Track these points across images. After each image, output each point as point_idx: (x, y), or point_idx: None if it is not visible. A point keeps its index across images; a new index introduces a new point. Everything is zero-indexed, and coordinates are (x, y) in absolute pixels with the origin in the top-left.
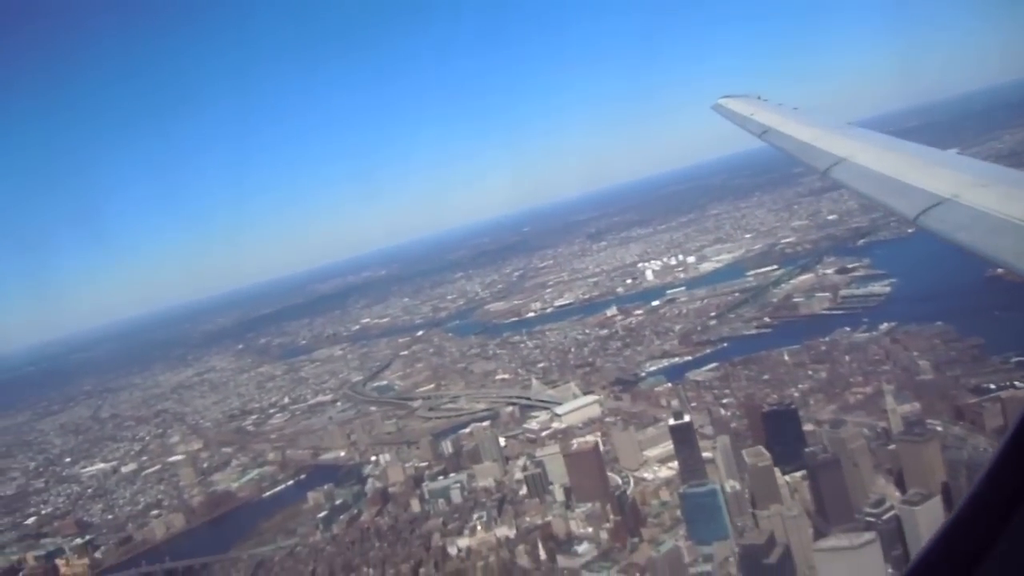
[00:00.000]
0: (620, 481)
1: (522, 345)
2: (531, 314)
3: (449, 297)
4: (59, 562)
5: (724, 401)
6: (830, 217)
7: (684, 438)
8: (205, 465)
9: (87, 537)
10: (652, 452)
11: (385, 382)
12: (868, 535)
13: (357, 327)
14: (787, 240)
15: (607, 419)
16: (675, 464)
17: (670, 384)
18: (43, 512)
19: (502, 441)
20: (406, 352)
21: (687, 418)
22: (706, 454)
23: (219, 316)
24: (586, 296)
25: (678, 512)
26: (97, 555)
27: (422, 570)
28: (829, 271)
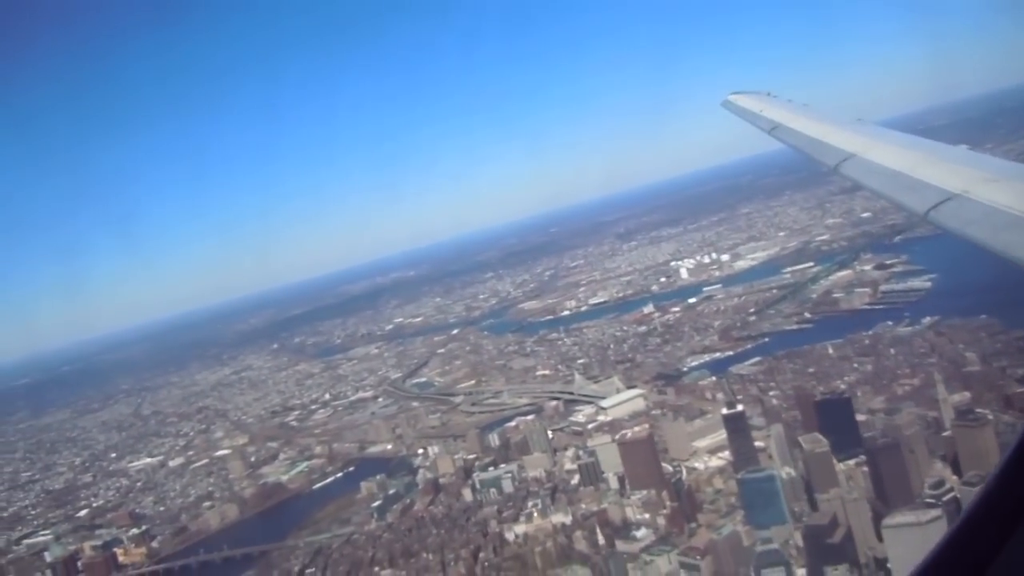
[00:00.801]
0: (671, 470)
1: (560, 342)
2: (566, 312)
3: (481, 296)
4: (117, 551)
5: (771, 393)
6: (864, 215)
7: (737, 427)
8: (253, 459)
9: (143, 527)
10: (701, 443)
11: (424, 379)
12: (935, 511)
13: (391, 326)
14: (822, 238)
15: (653, 412)
16: (725, 455)
17: (714, 378)
18: (94, 505)
19: (549, 434)
20: (443, 350)
21: (740, 408)
22: (757, 443)
23: (250, 317)
24: (620, 294)
25: (732, 499)
26: (154, 544)
27: (481, 555)
28: (867, 267)
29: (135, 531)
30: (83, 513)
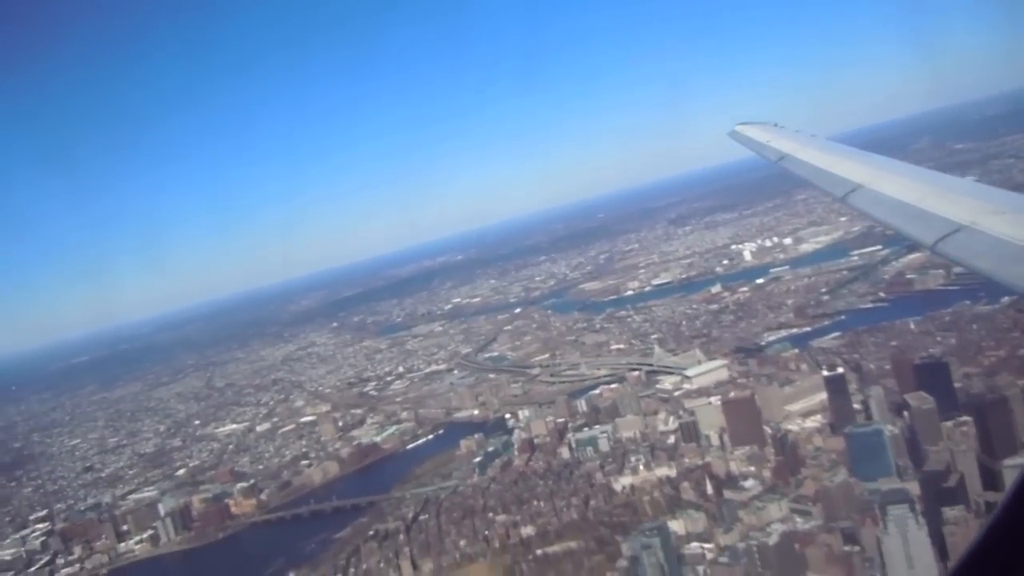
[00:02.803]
0: (769, 431)
1: (629, 319)
2: (629, 292)
3: (538, 278)
4: (228, 502)
5: (856, 364)
6: None
7: (838, 388)
8: (340, 424)
9: (251, 482)
10: (793, 407)
11: (496, 353)
12: None
13: (449, 306)
14: None
15: (738, 381)
16: (817, 418)
17: (796, 350)
18: (191, 465)
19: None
20: (509, 327)
21: (840, 370)
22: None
23: (301, 298)
24: (683, 276)
25: (833, 456)
26: (262, 497)
27: (591, 502)
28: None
29: (242, 485)
30: (181, 472)
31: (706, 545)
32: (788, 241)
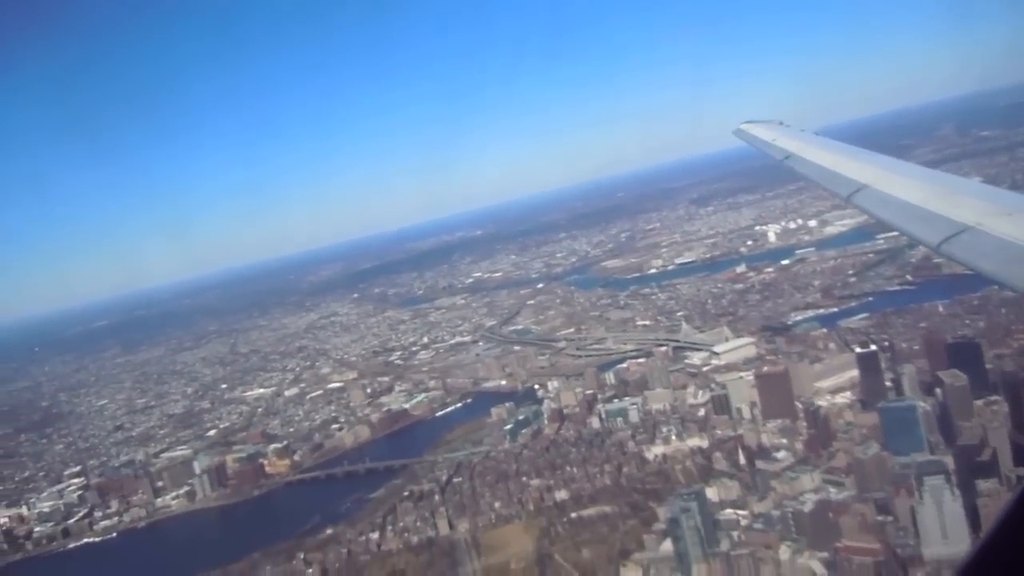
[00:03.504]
0: (800, 405)
1: (654, 296)
2: (652, 270)
3: (559, 255)
4: (263, 462)
5: (886, 343)
6: None
7: (870, 365)
8: (368, 390)
9: (284, 443)
10: (823, 384)
11: (520, 326)
12: None
13: (471, 280)
14: None
15: (767, 358)
16: (847, 395)
17: (824, 330)
18: (221, 426)
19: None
20: (532, 302)
21: (873, 348)
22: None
23: (319, 269)
24: (707, 255)
25: (864, 431)
26: (295, 457)
27: (624, 469)
28: None
29: (275, 446)
30: (212, 433)
31: (740, 512)
32: (813, 223)
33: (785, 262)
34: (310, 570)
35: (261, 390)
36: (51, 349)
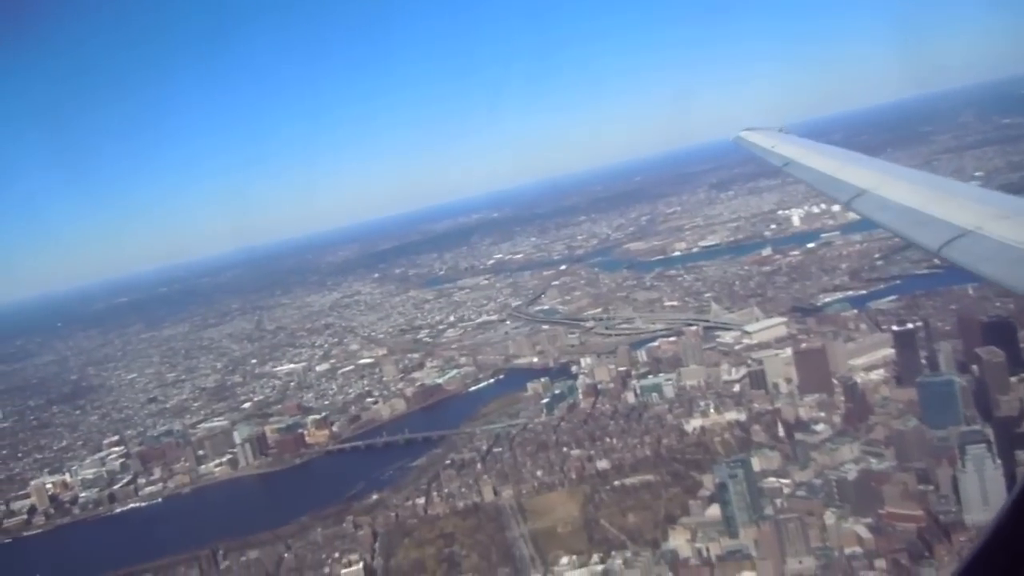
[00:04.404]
0: (835, 382)
1: (680, 278)
2: (676, 253)
3: (580, 237)
4: (303, 432)
5: (919, 323)
6: (977, 173)
7: (906, 343)
8: (400, 366)
9: (322, 414)
10: (857, 361)
11: (547, 306)
12: None
13: (492, 261)
14: None
15: (798, 337)
16: (880, 372)
17: (855, 311)
18: (255, 399)
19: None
20: (556, 283)
21: (910, 325)
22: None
23: (338, 249)
24: (732, 238)
25: (901, 406)
26: (334, 429)
27: (664, 441)
28: None
29: (314, 417)
30: (247, 406)
31: (783, 480)
32: (836, 208)
33: (811, 245)
34: (360, 532)
35: (291, 365)
36: (74, 325)
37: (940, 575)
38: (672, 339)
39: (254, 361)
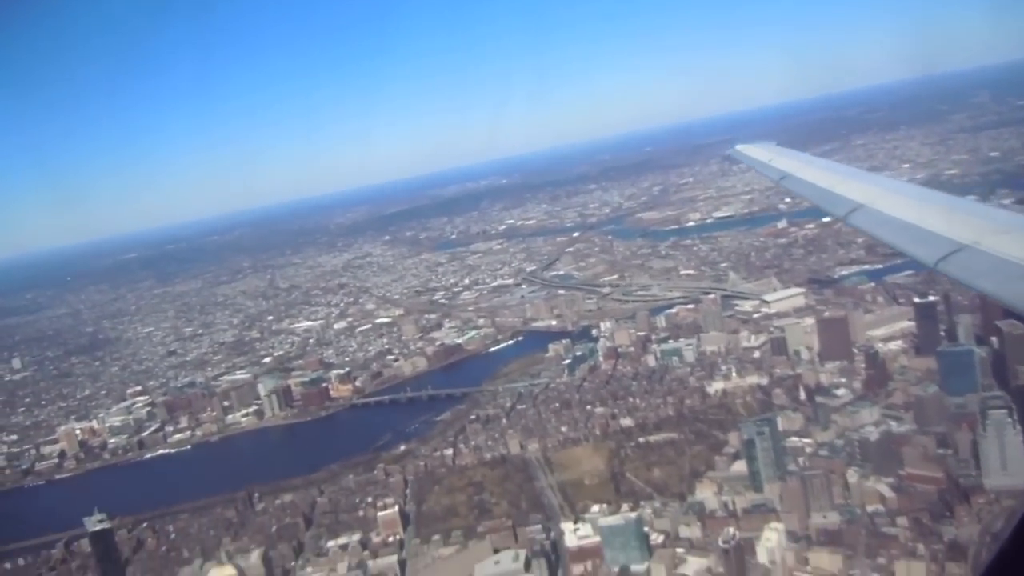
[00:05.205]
0: (855, 350)
1: (695, 248)
2: (691, 223)
3: (592, 205)
4: (327, 386)
5: (934, 298)
6: (992, 153)
7: (927, 314)
8: (417, 326)
9: (345, 369)
10: (875, 332)
11: (562, 272)
12: None
13: (504, 227)
14: (951, 172)
15: (817, 308)
16: (899, 343)
17: (872, 284)
18: (275, 354)
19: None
20: (570, 249)
21: (932, 298)
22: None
23: (346, 212)
24: (746, 211)
25: (918, 374)
26: (357, 384)
27: (687, 402)
28: (1006, 201)
29: (337, 372)
30: (267, 360)
31: (805, 440)
32: None
33: (826, 219)
34: (391, 479)
35: (308, 323)
36: (84, 279)
37: (960, 534)
38: (690, 306)
39: (270, 318)
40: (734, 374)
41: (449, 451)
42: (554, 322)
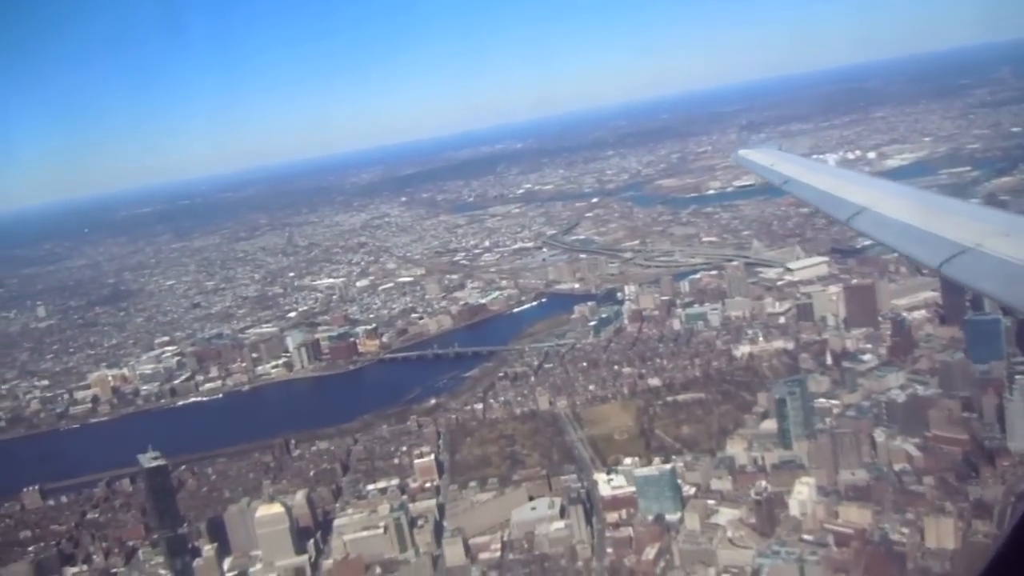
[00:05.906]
0: (881, 319)
1: (716, 216)
2: (711, 191)
3: (609, 172)
4: (354, 341)
5: None
6: (1014, 129)
7: (953, 284)
8: (440, 285)
9: (372, 325)
10: (899, 301)
11: (583, 236)
12: None
13: (521, 191)
14: (973, 146)
15: (841, 277)
16: (923, 312)
17: (895, 254)
18: (300, 310)
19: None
20: (590, 214)
21: None
22: None
23: (360, 172)
24: (767, 180)
25: (943, 342)
26: (383, 340)
27: (713, 364)
28: None
29: (365, 327)
30: (292, 315)
31: (832, 401)
32: (872, 155)
33: None
34: (425, 430)
35: (331, 280)
36: (101, 232)
37: (986, 494)
38: (714, 272)
39: (292, 274)
40: (760, 338)
41: (479, 405)
42: (577, 285)
